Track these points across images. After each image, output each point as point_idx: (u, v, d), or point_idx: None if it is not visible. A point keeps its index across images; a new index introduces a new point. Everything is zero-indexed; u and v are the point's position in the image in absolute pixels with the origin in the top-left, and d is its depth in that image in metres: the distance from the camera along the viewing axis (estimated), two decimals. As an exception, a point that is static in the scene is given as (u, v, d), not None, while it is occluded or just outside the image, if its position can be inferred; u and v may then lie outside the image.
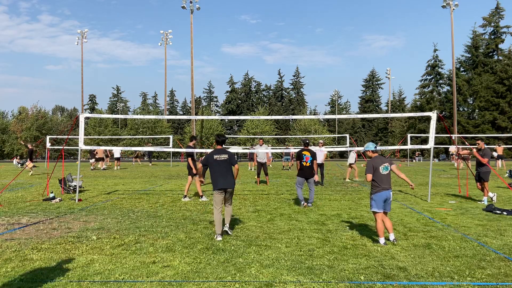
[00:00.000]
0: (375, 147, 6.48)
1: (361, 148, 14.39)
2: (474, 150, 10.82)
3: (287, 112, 70.30)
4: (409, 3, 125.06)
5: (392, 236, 6.28)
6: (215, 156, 6.79)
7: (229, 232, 6.86)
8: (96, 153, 27.14)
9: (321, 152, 15.40)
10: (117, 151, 28.29)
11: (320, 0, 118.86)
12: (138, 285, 4.53)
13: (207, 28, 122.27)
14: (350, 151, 17.84)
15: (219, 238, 6.53)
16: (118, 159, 28.46)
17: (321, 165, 15.68)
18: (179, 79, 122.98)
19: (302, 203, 9.92)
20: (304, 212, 9.21)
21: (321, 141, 16.28)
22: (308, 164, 9.96)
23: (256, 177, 16.08)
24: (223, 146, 7.20)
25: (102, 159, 27.92)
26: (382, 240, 6.22)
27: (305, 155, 9.99)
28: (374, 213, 6.31)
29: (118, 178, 18.95)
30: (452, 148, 30.56)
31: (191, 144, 11.83)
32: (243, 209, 9.59)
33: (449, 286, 4.49)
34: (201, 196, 11.19)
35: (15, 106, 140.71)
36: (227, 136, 43.73)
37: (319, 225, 7.71)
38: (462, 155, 11.33)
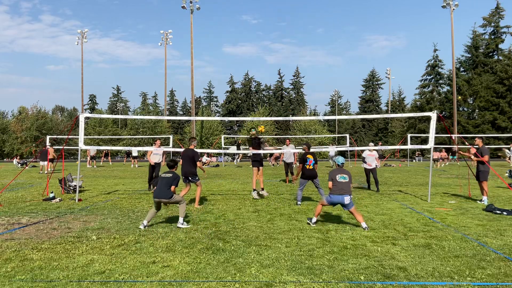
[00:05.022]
0: (342, 163, 7.84)
1: (361, 148, 14.44)
2: (473, 157, 10.80)
3: (287, 112, 70.30)
4: (410, 3, 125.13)
5: (364, 225, 7.31)
6: (163, 175, 8.01)
7: (179, 225, 7.55)
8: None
9: (372, 156, 13.53)
10: (134, 150, 30.52)
11: (321, 0, 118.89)
12: (138, 285, 4.53)
13: (209, 28, 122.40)
14: None
15: (141, 227, 7.42)
16: (135, 157, 30.81)
17: (373, 170, 13.57)
18: (179, 79, 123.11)
19: (298, 203, 10.31)
20: (304, 212, 9.21)
21: (371, 143, 14.40)
22: (310, 167, 10.28)
23: (285, 176, 16.65)
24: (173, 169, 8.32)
25: (95, 157, 30.33)
26: (314, 219, 7.64)
27: (308, 158, 10.30)
28: (322, 202, 7.65)
29: (118, 178, 18.94)
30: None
31: (192, 147, 10.53)
32: (243, 209, 9.59)
33: (449, 286, 4.49)
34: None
35: (15, 106, 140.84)
36: (226, 136, 43.70)
37: (319, 225, 7.71)
38: (463, 156, 11.31)
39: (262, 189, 11.88)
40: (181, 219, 7.60)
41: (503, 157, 31.61)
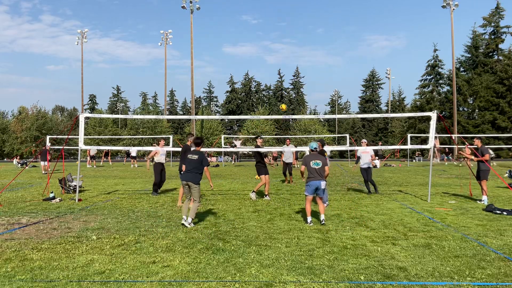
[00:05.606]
0: (315, 148, 8.12)
1: (358, 148, 14.38)
2: (474, 157, 10.78)
3: (287, 112, 70.25)
4: (410, 3, 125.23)
5: (322, 217, 7.73)
6: (189, 156, 7.95)
7: (186, 225, 7.52)
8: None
9: (367, 154, 12.75)
10: (133, 150, 30.69)
11: (321, 0, 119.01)
12: (138, 285, 4.53)
13: (209, 28, 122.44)
14: None
15: (183, 222, 7.60)
16: (134, 157, 31.14)
17: (367, 170, 12.67)
18: (179, 79, 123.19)
19: (326, 203, 10.00)
20: (304, 212, 9.20)
21: (364, 140, 14.06)
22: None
23: (284, 177, 16.46)
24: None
25: (95, 157, 30.76)
26: (309, 219, 7.73)
27: (324, 156, 10.11)
28: (305, 196, 7.88)
29: (118, 178, 18.95)
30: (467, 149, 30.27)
31: (189, 142, 10.80)
32: (243, 209, 9.59)
33: (449, 286, 4.49)
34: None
35: (15, 106, 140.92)
36: (226, 136, 43.74)
37: (319, 225, 7.71)
38: (464, 155, 11.33)
39: (266, 195, 11.55)
40: (189, 219, 7.59)
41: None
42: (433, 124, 10.79)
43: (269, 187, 11.59)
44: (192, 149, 8.29)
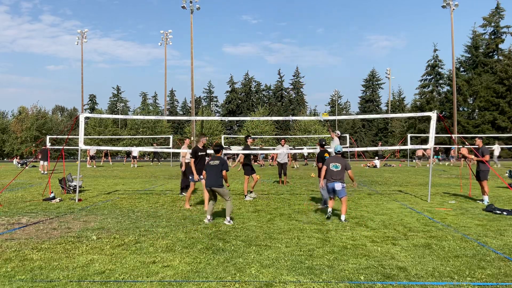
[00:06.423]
0: (338, 151, 8.35)
1: (362, 148, 14.37)
2: (465, 150, 10.82)
3: (287, 112, 70.28)
4: (410, 3, 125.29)
5: (342, 217, 7.96)
6: (210, 162, 8.12)
7: (226, 223, 7.79)
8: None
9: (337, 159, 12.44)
10: (135, 150, 30.98)
11: (321, 0, 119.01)
12: (138, 285, 4.52)
13: (209, 28, 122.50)
14: None
15: (206, 221, 7.95)
16: (135, 157, 31.08)
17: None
18: (179, 79, 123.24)
19: (326, 205, 9.70)
20: (304, 212, 9.21)
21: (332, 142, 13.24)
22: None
23: (279, 178, 16.23)
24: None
25: (94, 157, 30.82)
26: (329, 210, 8.15)
27: (326, 157, 10.07)
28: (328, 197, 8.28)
29: (118, 178, 18.94)
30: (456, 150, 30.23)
31: (200, 144, 10.30)
32: (243, 209, 9.59)
33: (449, 286, 4.49)
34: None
35: (15, 106, 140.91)
36: (226, 136, 43.70)
37: (319, 225, 7.71)
38: (463, 154, 11.35)
39: (251, 191, 11.85)
40: (228, 218, 7.84)
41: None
42: (433, 124, 10.79)
43: (254, 185, 12.00)
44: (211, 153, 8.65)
